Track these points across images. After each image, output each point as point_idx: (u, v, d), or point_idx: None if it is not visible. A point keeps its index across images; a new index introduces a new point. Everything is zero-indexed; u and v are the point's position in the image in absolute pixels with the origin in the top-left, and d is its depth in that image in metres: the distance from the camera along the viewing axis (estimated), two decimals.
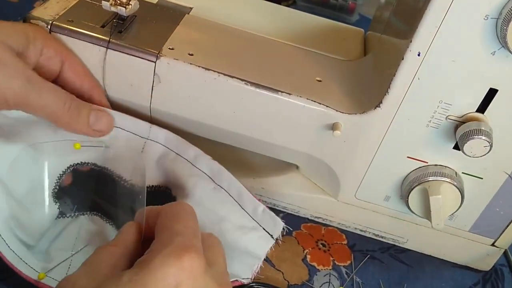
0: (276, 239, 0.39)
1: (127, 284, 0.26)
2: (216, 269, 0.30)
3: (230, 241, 0.38)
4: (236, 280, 0.38)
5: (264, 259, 0.39)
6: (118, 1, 0.41)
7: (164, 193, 0.41)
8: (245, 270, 0.39)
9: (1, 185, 0.37)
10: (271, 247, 0.39)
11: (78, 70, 0.40)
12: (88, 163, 0.41)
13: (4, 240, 0.35)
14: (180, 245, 0.27)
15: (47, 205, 0.40)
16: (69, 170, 0.41)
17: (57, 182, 0.40)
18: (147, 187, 0.41)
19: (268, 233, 0.39)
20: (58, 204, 0.40)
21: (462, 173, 0.42)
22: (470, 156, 0.38)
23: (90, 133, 0.39)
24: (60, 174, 0.40)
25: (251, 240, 0.39)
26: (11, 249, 0.35)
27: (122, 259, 0.30)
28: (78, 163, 0.41)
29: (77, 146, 0.40)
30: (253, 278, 0.39)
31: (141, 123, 0.42)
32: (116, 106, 0.43)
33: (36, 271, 0.36)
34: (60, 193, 0.40)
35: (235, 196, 0.40)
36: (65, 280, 0.29)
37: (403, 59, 0.37)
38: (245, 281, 0.38)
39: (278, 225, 0.39)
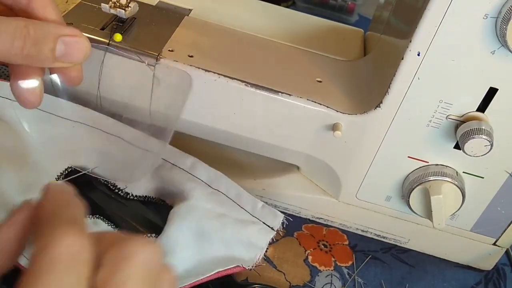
0: (277, 230, 0.40)
1: None
2: None
3: (231, 233, 0.39)
4: (238, 266, 0.38)
5: (266, 260, 0.39)
6: (118, 4, 0.41)
7: (157, 204, 0.42)
8: (247, 258, 0.39)
9: (3, 178, 0.37)
10: (273, 237, 0.40)
11: None
12: (85, 166, 0.41)
13: None
14: None
15: None
16: (67, 171, 0.41)
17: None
18: (140, 196, 0.42)
19: (268, 226, 0.40)
20: None
21: (463, 172, 0.42)
22: (471, 156, 0.38)
23: (57, 66, 0.30)
24: (58, 175, 0.40)
25: (252, 232, 0.40)
26: None
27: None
28: (76, 166, 0.41)
29: (118, 38, 0.35)
30: (254, 266, 0.39)
31: (138, 134, 0.42)
32: (115, 108, 0.43)
33: None
34: None
35: (233, 198, 0.41)
36: None
37: (403, 59, 0.37)
38: (247, 268, 0.39)
39: (278, 218, 0.41)
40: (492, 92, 0.37)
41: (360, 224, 0.49)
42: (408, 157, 0.42)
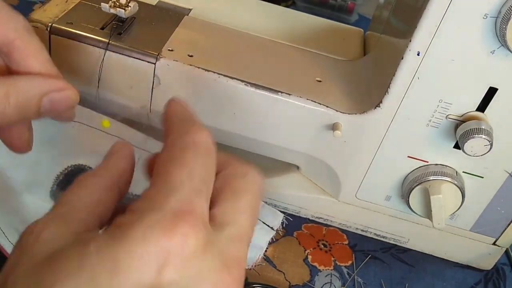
0: (277, 229, 0.40)
1: (93, 256, 0.19)
2: (226, 235, 0.23)
3: None
4: None
5: (266, 260, 0.39)
6: (117, 3, 0.41)
7: None
8: (247, 258, 0.39)
9: (3, 179, 0.37)
10: (272, 237, 0.40)
11: None
12: (85, 165, 0.41)
13: (4, 233, 0.35)
14: (172, 211, 0.20)
15: (45, 204, 0.40)
16: (66, 171, 0.41)
17: (55, 182, 0.40)
18: (140, 195, 0.42)
19: (268, 225, 0.40)
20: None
21: (463, 172, 0.42)
22: (470, 155, 0.38)
23: (41, 118, 0.30)
24: (57, 175, 0.40)
25: None
26: (10, 242, 0.36)
27: (107, 194, 0.24)
28: (76, 165, 0.41)
29: (106, 124, 0.36)
30: (254, 266, 0.39)
31: (138, 134, 0.42)
32: (115, 109, 0.43)
33: None
34: (58, 193, 0.40)
35: None
36: (29, 227, 0.22)
37: (402, 58, 0.37)
38: (247, 267, 0.39)
39: (277, 217, 0.40)
40: (491, 91, 0.37)
41: (360, 223, 0.49)
42: (408, 156, 0.42)
